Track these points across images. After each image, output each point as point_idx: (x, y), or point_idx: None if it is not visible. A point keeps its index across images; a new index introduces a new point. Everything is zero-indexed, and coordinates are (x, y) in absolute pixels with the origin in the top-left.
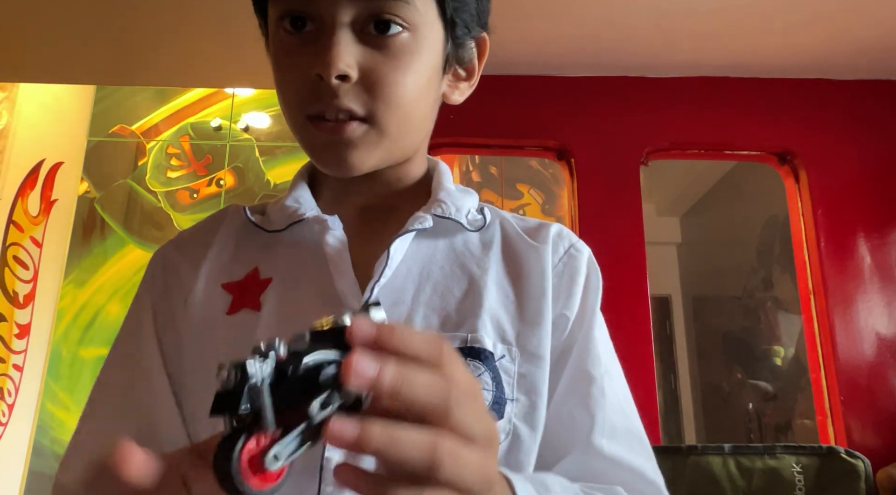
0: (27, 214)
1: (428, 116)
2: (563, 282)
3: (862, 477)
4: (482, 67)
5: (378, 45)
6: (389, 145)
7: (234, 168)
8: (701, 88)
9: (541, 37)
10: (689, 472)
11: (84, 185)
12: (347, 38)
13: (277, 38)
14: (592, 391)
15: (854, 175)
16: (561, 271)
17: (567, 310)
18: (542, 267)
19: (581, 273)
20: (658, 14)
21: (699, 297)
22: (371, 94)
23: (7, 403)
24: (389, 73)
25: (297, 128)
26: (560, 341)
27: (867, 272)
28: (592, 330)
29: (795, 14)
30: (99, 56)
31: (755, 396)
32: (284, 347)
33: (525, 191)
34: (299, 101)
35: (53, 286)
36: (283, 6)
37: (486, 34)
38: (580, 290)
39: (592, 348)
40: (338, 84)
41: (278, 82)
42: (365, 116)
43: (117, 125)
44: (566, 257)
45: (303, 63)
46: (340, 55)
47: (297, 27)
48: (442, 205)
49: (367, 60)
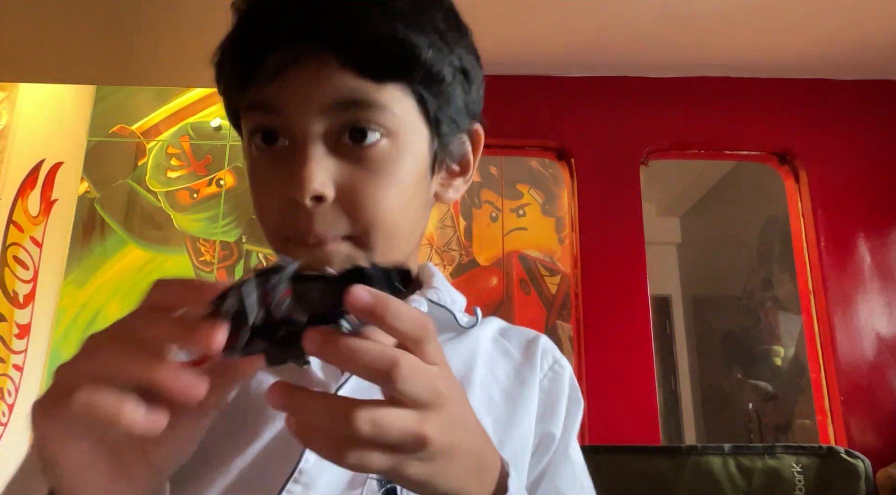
0: (27, 214)
1: (418, 225)
2: (550, 398)
3: (862, 477)
4: (478, 160)
5: (355, 157)
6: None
7: (234, 168)
8: (701, 88)
9: (541, 37)
10: (689, 472)
11: (84, 185)
12: (320, 153)
13: (250, 154)
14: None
15: (854, 175)
16: (547, 387)
17: (553, 426)
18: (531, 380)
19: (565, 392)
20: (658, 14)
21: (699, 297)
22: (352, 213)
23: (7, 403)
24: (370, 188)
25: (277, 249)
26: (544, 459)
27: (867, 272)
28: (568, 450)
29: (795, 14)
30: (99, 56)
31: (755, 396)
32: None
33: (525, 191)
34: (277, 223)
35: (53, 286)
36: (254, 121)
37: (479, 126)
38: (564, 409)
39: (569, 469)
40: (313, 205)
41: (254, 201)
42: (348, 237)
43: (117, 125)
44: (551, 373)
45: (276, 183)
46: (313, 175)
47: (268, 141)
48: (438, 293)
49: (344, 176)
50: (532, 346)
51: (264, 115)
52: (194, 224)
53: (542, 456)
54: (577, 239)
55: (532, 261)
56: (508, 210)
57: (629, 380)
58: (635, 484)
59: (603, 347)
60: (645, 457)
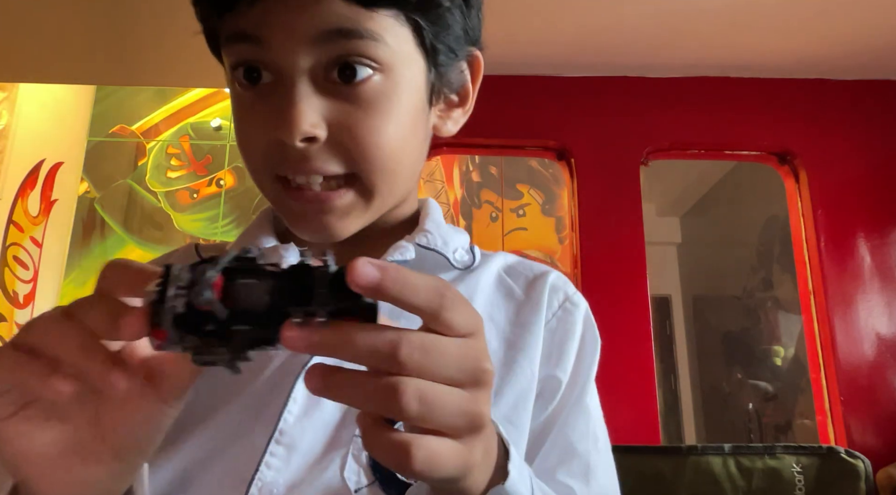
0: (27, 214)
1: (418, 160)
2: (556, 340)
3: (862, 477)
4: (477, 89)
5: (347, 95)
6: (379, 204)
7: (234, 168)
8: (701, 88)
9: (541, 37)
10: (689, 472)
11: (84, 185)
12: (309, 90)
13: (233, 90)
14: (575, 468)
15: (854, 175)
16: (554, 327)
17: (559, 371)
18: (534, 321)
19: (576, 331)
20: (658, 14)
21: (699, 297)
22: (348, 153)
23: None
24: (365, 126)
25: (266, 190)
26: (549, 406)
27: (867, 272)
28: (584, 398)
29: (796, 14)
30: (99, 56)
31: (755, 396)
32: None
33: (525, 191)
34: (264, 161)
35: (53, 286)
36: (234, 55)
37: (478, 52)
38: (574, 351)
39: (582, 419)
40: (305, 147)
41: (239, 140)
42: (346, 176)
43: (117, 125)
44: (560, 312)
45: (262, 122)
46: (303, 115)
47: (251, 79)
48: (427, 236)
49: (336, 114)
50: (538, 284)
51: (246, 46)
52: (194, 224)
53: (547, 402)
54: (577, 239)
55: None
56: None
57: (629, 380)
58: (635, 484)
59: (603, 347)
60: (645, 457)
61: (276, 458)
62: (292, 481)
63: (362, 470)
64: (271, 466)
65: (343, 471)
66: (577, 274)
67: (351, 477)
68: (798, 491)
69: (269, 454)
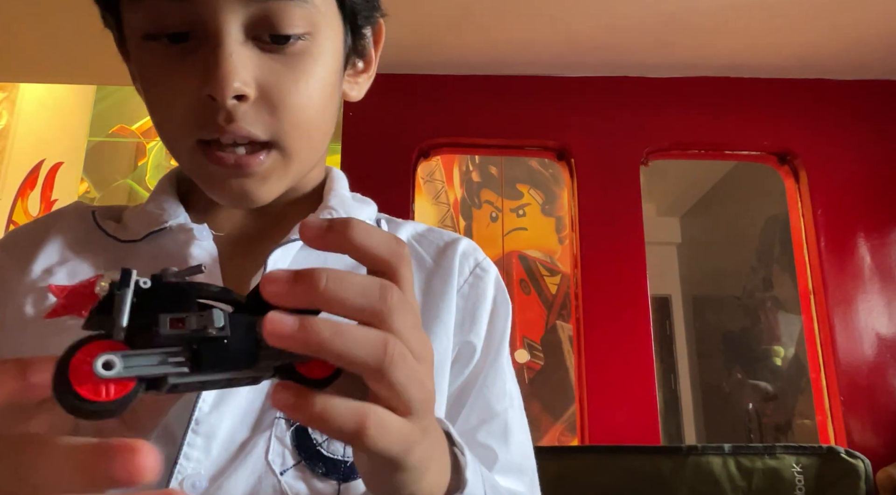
0: (27, 214)
1: (332, 124)
2: (469, 306)
3: (862, 477)
4: (379, 54)
5: (275, 54)
6: (298, 169)
7: None
8: (701, 88)
9: (541, 37)
10: (689, 472)
11: (84, 185)
12: (239, 47)
13: (147, 48)
14: (494, 427)
15: (854, 175)
16: (466, 293)
17: (473, 336)
18: (445, 289)
19: (487, 296)
20: (658, 14)
21: (699, 297)
22: (273, 114)
23: None
24: (292, 86)
25: (184, 155)
26: (465, 371)
27: (867, 272)
28: (499, 359)
29: (795, 13)
30: (99, 56)
31: (755, 396)
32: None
33: (525, 191)
34: (186, 124)
35: None
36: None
37: (381, 17)
38: (486, 315)
39: (499, 380)
40: (234, 105)
41: (151, 101)
42: (267, 141)
43: (117, 125)
44: (472, 278)
45: (186, 79)
46: (236, 71)
47: (175, 40)
48: (332, 212)
49: (265, 73)
50: (449, 251)
51: (167, 3)
52: None
53: (464, 367)
54: (577, 239)
55: (532, 261)
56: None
57: (629, 380)
58: (635, 484)
59: (603, 347)
60: (645, 457)
61: (195, 449)
62: (215, 471)
63: (287, 452)
64: (191, 457)
65: (267, 455)
66: (577, 274)
67: (276, 460)
68: (798, 491)
69: (188, 445)
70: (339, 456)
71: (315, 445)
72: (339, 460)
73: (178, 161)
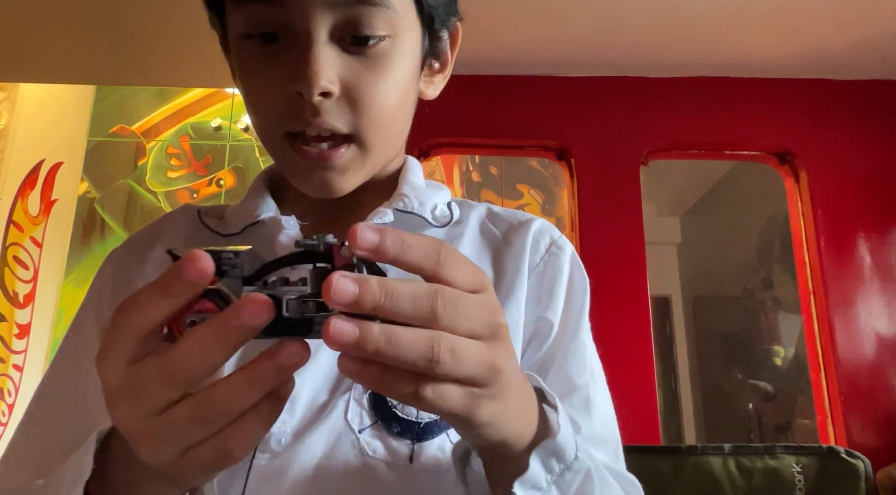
0: (27, 214)
1: (408, 120)
2: (545, 283)
3: (862, 477)
4: (455, 56)
5: (358, 55)
6: (374, 162)
7: (234, 168)
8: (701, 88)
9: (541, 37)
10: (689, 472)
11: (84, 185)
12: (326, 48)
13: (243, 48)
14: (576, 400)
15: (854, 175)
16: (542, 271)
17: (549, 313)
18: (517, 266)
19: (563, 273)
20: (658, 14)
21: (699, 297)
22: (354, 110)
23: (7, 403)
24: (372, 85)
25: (273, 145)
26: (544, 346)
27: (867, 272)
28: (579, 334)
29: (796, 14)
30: (99, 56)
31: (755, 396)
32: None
33: (525, 191)
34: (276, 117)
35: (53, 286)
36: (249, 14)
37: (458, 21)
38: (563, 292)
39: (579, 355)
40: (320, 100)
41: (247, 95)
42: (348, 134)
43: (117, 125)
44: (547, 256)
45: (277, 76)
46: (323, 70)
47: (267, 40)
48: (404, 199)
49: (348, 73)
50: (522, 230)
51: (260, 6)
52: None
53: (542, 342)
54: (577, 239)
55: None
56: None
57: (629, 380)
58: None
59: (603, 347)
60: (645, 457)
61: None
62: (298, 428)
63: (364, 412)
64: None
65: (346, 415)
66: None
67: (354, 420)
68: (798, 491)
69: None
70: (412, 418)
71: (391, 407)
72: (414, 421)
73: (269, 151)
